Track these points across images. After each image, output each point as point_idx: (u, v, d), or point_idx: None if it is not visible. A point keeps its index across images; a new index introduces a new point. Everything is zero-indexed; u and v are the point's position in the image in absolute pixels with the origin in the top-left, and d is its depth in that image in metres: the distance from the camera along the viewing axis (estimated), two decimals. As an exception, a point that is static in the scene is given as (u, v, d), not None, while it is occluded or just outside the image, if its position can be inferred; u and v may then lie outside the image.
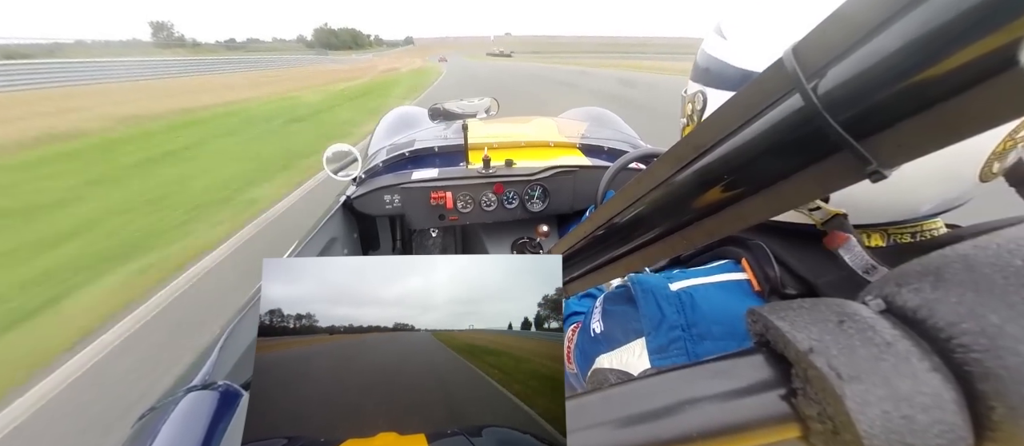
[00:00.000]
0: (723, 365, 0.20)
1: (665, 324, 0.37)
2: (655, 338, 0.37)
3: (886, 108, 0.13)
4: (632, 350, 0.39)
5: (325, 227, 1.09)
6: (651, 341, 0.37)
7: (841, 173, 0.15)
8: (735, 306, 0.36)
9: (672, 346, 0.36)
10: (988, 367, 0.15)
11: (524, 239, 1.30)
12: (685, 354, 0.35)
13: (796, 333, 0.18)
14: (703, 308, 0.36)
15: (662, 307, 0.37)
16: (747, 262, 0.38)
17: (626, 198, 0.27)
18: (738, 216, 0.19)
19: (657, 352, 0.37)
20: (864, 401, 0.15)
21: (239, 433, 0.18)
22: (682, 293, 0.38)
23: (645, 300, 0.39)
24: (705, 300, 0.37)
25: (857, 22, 0.13)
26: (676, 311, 0.37)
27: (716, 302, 0.36)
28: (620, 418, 0.19)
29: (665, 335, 0.36)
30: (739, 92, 0.18)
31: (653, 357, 0.37)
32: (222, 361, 0.50)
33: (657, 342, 0.37)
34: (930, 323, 0.16)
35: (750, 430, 0.18)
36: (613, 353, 0.41)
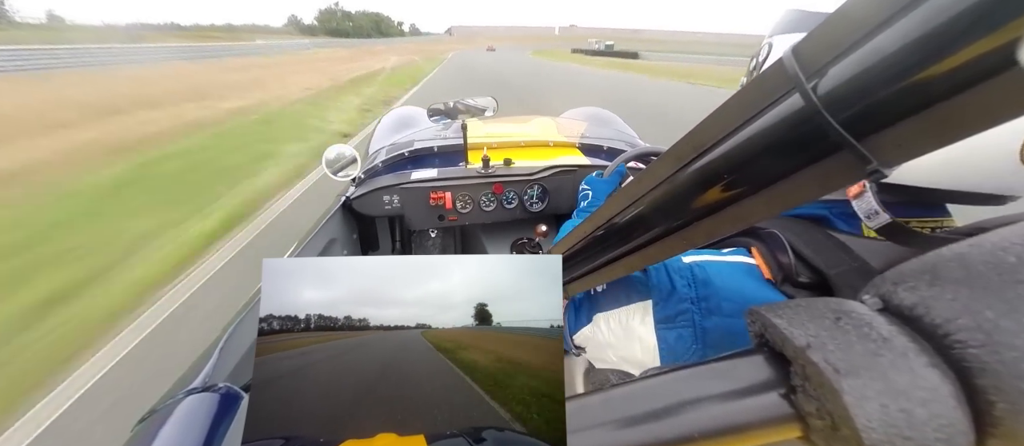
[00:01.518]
0: (723, 366, 0.20)
1: (675, 296, 0.37)
2: (663, 308, 0.37)
3: (886, 107, 0.13)
4: (633, 312, 0.39)
5: (324, 228, 1.09)
6: (658, 310, 0.38)
7: (841, 172, 0.15)
8: (748, 287, 0.36)
9: (680, 317, 0.36)
10: (985, 362, 0.15)
11: (523, 239, 1.30)
12: (692, 326, 0.36)
13: (793, 329, 0.18)
14: (716, 284, 0.36)
15: (673, 279, 0.38)
16: (757, 251, 0.38)
17: (626, 198, 0.27)
18: (738, 216, 0.19)
19: (664, 322, 0.37)
20: (862, 395, 0.15)
21: (240, 435, 0.18)
22: (695, 266, 0.38)
23: (656, 269, 0.39)
24: (718, 276, 0.37)
25: (857, 22, 0.13)
26: (687, 284, 0.37)
27: (729, 280, 0.36)
28: (620, 419, 0.19)
29: (674, 307, 0.37)
30: (739, 92, 0.18)
31: (660, 326, 0.37)
32: (222, 363, 0.49)
33: (665, 312, 0.37)
34: (927, 320, 0.16)
35: (750, 430, 0.18)
36: (613, 313, 0.41)
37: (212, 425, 0.31)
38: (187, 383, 0.42)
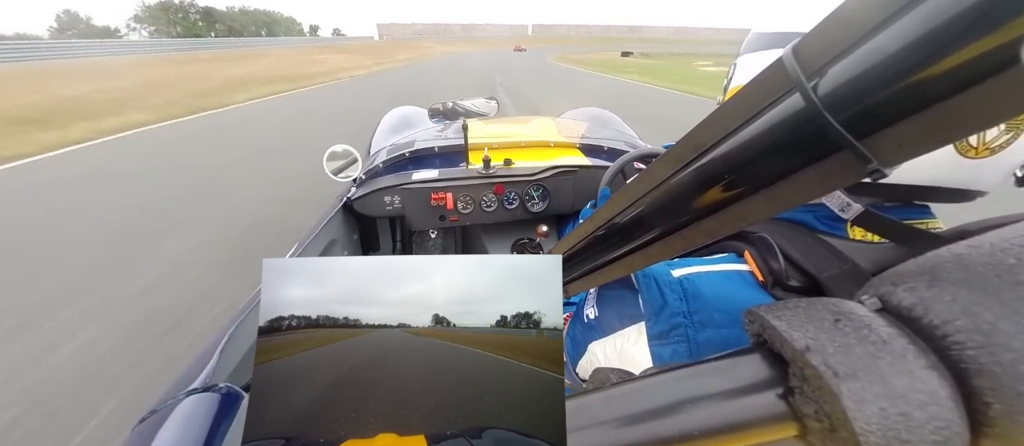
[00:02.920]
0: (721, 364, 0.20)
1: (667, 311, 0.37)
2: (656, 324, 0.37)
3: (886, 107, 0.13)
4: (627, 336, 0.39)
5: (325, 228, 1.09)
6: (651, 327, 0.37)
7: (841, 172, 0.15)
8: (739, 295, 0.35)
9: (673, 333, 0.36)
10: (983, 364, 0.15)
11: (524, 239, 1.30)
12: (686, 341, 0.35)
13: (792, 332, 0.18)
14: (707, 296, 0.36)
15: (664, 293, 0.37)
16: (750, 255, 0.38)
17: (626, 198, 0.27)
18: (738, 216, 0.19)
19: (657, 338, 0.37)
20: (861, 399, 0.15)
21: (240, 435, 0.18)
22: (685, 280, 0.37)
23: (647, 285, 0.38)
24: (709, 288, 0.36)
25: (857, 21, 0.13)
26: (678, 298, 0.37)
27: (720, 290, 0.36)
28: (619, 418, 0.19)
29: (666, 322, 0.36)
30: (739, 92, 0.18)
31: (653, 343, 0.37)
32: (222, 363, 0.49)
33: (658, 328, 0.37)
34: (925, 321, 0.16)
35: (748, 429, 0.18)
36: (607, 339, 0.41)
37: (212, 425, 0.31)
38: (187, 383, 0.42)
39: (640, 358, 0.38)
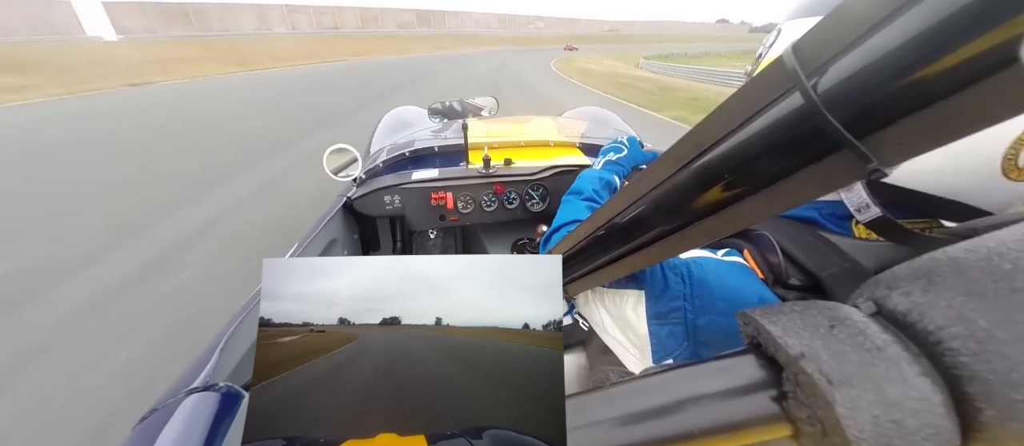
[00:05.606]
0: (719, 365, 0.20)
1: (668, 294, 0.37)
2: (656, 304, 0.37)
3: (886, 106, 0.12)
4: (626, 297, 0.40)
5: (325, 228, 1.09)
6: (651, 306, 0.38)
7: (841, 171, 0.15)
8: (744, 288, 0.35)
9: (672, 314, 0.37)
10: (976, 370, 0.15)
11: (524, 240, 1.30)
12: (683, 323, 0.36)
13: (787, 338, 0.18)
14: (712, 283, 0.36)
15: (667, 276, 0.38)
16: (749, 253, 0.38)
17: (626, 198, 0.27)
18: (739, 215, 0.19)
19: (656, 318, 0.37)
20: (854, 406, 0.15)
21: (240, 434, 0.18)
22: (693, 263, 0.38)
23: (650, 267, 0.39)
24: (713, 274, 0.37)
25: (857, 20, 0.13)
26: (680, 280, 0.37)
27: (726, 281, 0.36)
28: (618, 417, 0.19)
29: (667, 303, 0.37)
30: (739, 90, 0.18)
31: (652, 322, 0.37)
32: (222, 362, 0.49)
33: (657, 308, 0.37)
34: (920, 326, 0.16)
35: (745, 429, 0.18)
36: (607, 291, 0.42)
37: (212, 425, 0.31)
38: (188, 382, 0.42)
39: (636, 326, 0.39)
